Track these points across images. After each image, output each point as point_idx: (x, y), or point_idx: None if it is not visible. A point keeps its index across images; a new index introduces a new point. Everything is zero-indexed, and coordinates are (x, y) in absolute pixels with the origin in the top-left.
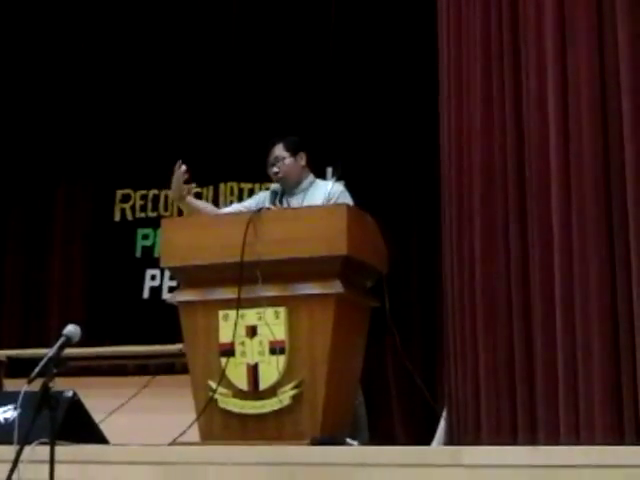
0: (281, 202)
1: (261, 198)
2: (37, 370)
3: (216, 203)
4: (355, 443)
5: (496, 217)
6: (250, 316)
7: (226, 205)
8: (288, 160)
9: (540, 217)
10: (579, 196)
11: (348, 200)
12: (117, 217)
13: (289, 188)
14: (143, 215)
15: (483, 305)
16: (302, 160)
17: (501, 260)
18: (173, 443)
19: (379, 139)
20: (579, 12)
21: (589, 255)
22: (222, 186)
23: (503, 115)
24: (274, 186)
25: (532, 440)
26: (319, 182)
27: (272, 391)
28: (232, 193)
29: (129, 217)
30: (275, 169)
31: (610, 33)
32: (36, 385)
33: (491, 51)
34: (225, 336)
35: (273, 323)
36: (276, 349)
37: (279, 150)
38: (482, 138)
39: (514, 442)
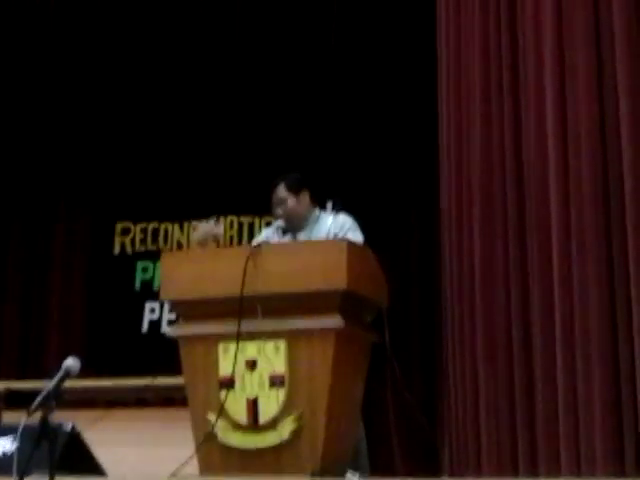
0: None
1: (266, 235)
2: (36, 404)
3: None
4: (355, 477)
5: (495, 246)
6: (250, 349)
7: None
8: (290, 201)
9: (539, 239)
10: (578, 216)
11: (358, 232)
12: (117, 250)
13: (295, 227)
14: (143, 248)
15: (483, 338)
16: (305, 198)
17: (501, 292)
18: (172, 476)
19: (378, 173)
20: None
21: (588, 276)
22: (222, 220)
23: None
24: (278, 223)
25: (533, 473)
26: (324, 215)
27: (272, 425)
28: (232, 227)
29: (129, 250)
30: (279, 211)
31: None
32: (35, 417)
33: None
34: (225, 369)
35: (273, 356)
36: (276, 382)
37: (281, 191)
38: (481, 160)
39: (515, 475)
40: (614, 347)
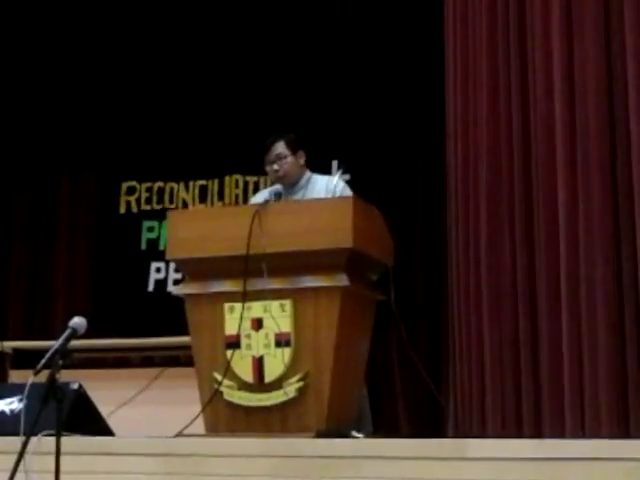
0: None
1: (264, 197)
2: (43, 362)
3: (221, 195)
4: (360, 435)
5: (502, 208)
6: (256, 309)
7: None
8: (290, 159)
9: (546, 208)
10: (585, 184)
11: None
12: (122, 209)
13: (288, 186)
14: (148, 207)
15: (488, 298)
16: (301, 159)
17: (506, 253)
18: (178, 435)
19: (384, 131)
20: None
21: (595, 246)
22: (227, 179)
23: (509, 105)
24: (275, 187)
25: (537, 433)
26: (316, 177)
27: (278, 383)
28: (237, 186)
29: (134, 209)
30: (276, 167)
31: (617, 20)
32: (41, 377)
33: (497, 41)
34: (231, 328)
35: (279, 316)
36: (282, 341)
37: (281, 148)
38: (488, 128)
39: (519, 435)
40: (620, 307)
